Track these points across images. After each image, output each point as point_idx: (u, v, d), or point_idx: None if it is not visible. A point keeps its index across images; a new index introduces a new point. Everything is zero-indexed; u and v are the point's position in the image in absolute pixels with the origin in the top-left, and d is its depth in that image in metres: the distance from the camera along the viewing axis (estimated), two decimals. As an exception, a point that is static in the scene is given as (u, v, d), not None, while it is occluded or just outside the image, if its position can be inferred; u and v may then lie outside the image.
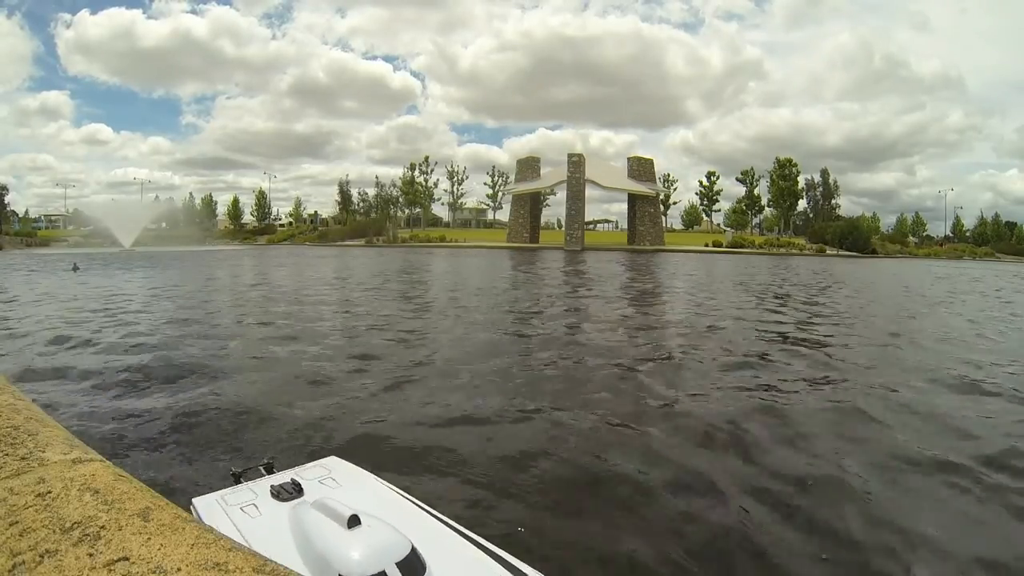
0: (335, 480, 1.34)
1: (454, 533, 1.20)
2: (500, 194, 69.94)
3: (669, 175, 69.03)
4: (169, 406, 3.84)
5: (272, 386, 4.50)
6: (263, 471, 1.61)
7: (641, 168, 52.13)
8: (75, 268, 17.52)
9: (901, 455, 3.23)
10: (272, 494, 1.23)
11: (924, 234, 69.68)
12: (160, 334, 6.62)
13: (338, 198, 69.84)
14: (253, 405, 3.89)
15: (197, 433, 3.37)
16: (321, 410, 3.84)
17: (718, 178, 67.37)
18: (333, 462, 1.51)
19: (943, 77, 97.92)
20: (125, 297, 10.58)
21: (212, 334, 6.78)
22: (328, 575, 0.97)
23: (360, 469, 1.50)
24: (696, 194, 69.94)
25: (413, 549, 1.02)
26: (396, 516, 1.17)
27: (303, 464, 1.53)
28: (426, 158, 68.21)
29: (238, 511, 1.15)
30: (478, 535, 1.25)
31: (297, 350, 5.88)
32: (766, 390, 4.63)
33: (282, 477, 1.36)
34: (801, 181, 61.77)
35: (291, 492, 1.18)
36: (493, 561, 1.12)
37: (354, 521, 1.04)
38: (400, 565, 0.93)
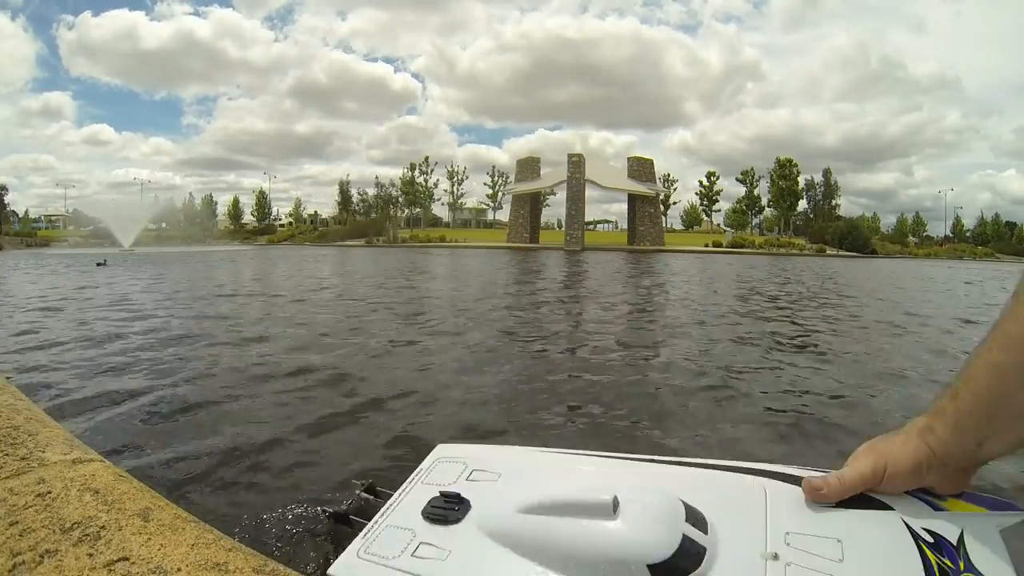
0: (485, 471, 1.00)
1: (643, 462, 0.95)
2: (500, 194, 70.24)
3: (669, 175, 69.38)
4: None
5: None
6: (369, 497, 1.24)
7: (641, 168, 52.16)
8: (103, 263, 18.04)
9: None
10: (433, 519, 0.87)
11: (924, 234, 69.96)
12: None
13: (338, 198, 70.17)
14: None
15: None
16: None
17: (718, 178, 67.71)
18: (449, 450, 1.16)
19: (940, 78, 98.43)
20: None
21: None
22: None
23: (488, 446, 1.19)
24: (696, 194, 70.42)
25: (677, 497, 0.83)
26: (600, 478, 0.91)
27: (415, 469, 1.10)
28: (426, 158, 68.57)
29: (411, 560, 0.79)
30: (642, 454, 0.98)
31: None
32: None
33: (411, 496, 0.98)
34: (801, 181, 61.97)
35: (455, 508, 0.88)
36: (693, 468, 0.91)
37: (615, 504, 0.84)
38: (689, 519, 0.74)
